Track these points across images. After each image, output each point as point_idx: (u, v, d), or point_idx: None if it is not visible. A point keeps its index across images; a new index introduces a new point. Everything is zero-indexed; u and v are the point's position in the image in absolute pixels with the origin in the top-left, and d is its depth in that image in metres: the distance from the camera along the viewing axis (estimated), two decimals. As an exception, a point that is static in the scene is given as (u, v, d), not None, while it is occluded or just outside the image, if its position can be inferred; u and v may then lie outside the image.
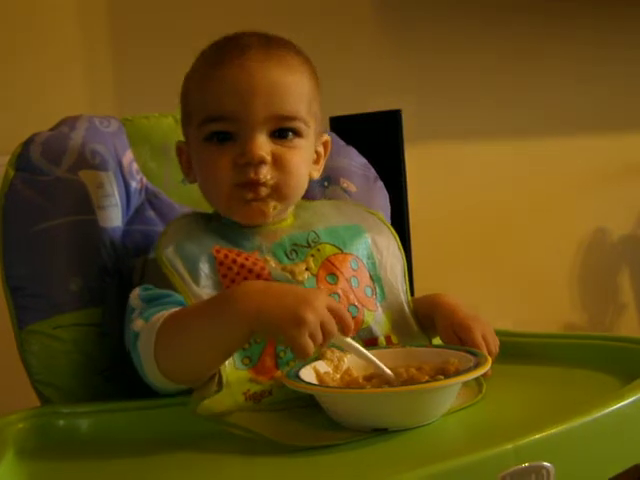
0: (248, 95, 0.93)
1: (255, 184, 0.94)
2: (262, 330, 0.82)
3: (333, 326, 0.82)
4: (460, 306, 1.01)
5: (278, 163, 0.94)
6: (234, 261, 0.94)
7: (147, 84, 1.80)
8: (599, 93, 2.42)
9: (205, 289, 0.92)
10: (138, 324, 0.89)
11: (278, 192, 0.96)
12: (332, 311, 0.82)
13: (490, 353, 0.94)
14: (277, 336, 0.82)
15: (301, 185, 0.99)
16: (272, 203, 0.96)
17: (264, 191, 0.95)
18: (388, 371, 0.86)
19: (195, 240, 0.96)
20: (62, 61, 1.77)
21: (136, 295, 0.93)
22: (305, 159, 0.99)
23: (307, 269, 0.96)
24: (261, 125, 0.93)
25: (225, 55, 0.95)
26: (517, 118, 2.31)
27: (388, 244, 1.07)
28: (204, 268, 0.93)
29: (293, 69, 0.96)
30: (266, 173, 0.94)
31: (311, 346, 0.79)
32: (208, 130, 0.95)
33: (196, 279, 0.92)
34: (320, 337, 0.80)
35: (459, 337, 0.96)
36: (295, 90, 0.96)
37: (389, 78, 2.11)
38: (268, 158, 0.93)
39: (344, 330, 0.84)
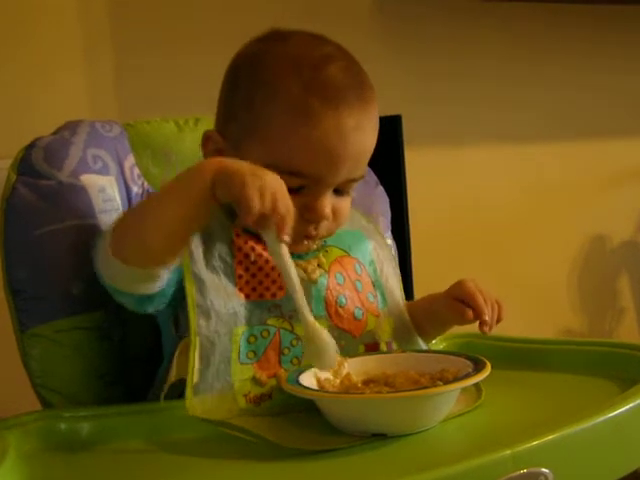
0: (337, 161, 0.92)
1: (314, 237, 0.96)
2: (221, 181, 0.80)
3: (282, 203, 0.79)
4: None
5: (335, 214, 0.96)
6: (252, 248, 0.93)
7: (149, 88, 1.81)
8: (600, 98, 2.43)
9: (217, 268, 0.91)
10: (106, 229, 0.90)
11: (328, 234, 0.98)
12: (284, 199, 0.80)
13: (485, 302, 0.96)
14: (233, 187, 0.79)
15: None
16: (320, 241, 0.99)
17: (318, 236, 0.97)
18: (307, 310, 0.84)
19: (216, 219, 0.94)
20: (63, 65, 1.77)
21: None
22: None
23: (319, 265, 0.97)
24: (334, 185, 0.94)
25: (317, 104, 0.90)
26: (517, 123, 2.31)
27: (386, 260, 1.08)
28: (220, 248, 0.92)
29: (376, 127, 0.97)
30: (325, 227, 0.96)
31: (257, 202, 0.77)
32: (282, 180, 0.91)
33: (209, 255, 0.91)
34: (268, 201, 0.78)
35: (459, 300, 0.98)
36: (371, 152, 0.97)
37: (389, 83, 2.11)
38: (331, 215, 0.95)
39: (279, 226, 0.80)
